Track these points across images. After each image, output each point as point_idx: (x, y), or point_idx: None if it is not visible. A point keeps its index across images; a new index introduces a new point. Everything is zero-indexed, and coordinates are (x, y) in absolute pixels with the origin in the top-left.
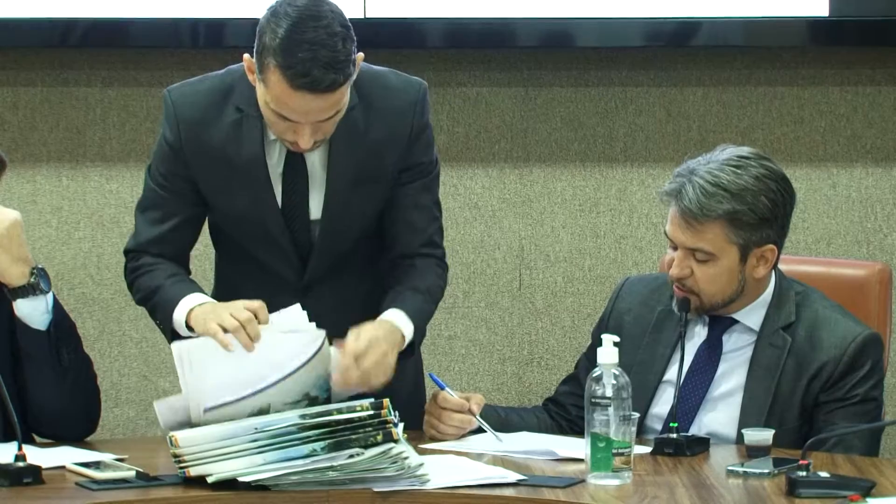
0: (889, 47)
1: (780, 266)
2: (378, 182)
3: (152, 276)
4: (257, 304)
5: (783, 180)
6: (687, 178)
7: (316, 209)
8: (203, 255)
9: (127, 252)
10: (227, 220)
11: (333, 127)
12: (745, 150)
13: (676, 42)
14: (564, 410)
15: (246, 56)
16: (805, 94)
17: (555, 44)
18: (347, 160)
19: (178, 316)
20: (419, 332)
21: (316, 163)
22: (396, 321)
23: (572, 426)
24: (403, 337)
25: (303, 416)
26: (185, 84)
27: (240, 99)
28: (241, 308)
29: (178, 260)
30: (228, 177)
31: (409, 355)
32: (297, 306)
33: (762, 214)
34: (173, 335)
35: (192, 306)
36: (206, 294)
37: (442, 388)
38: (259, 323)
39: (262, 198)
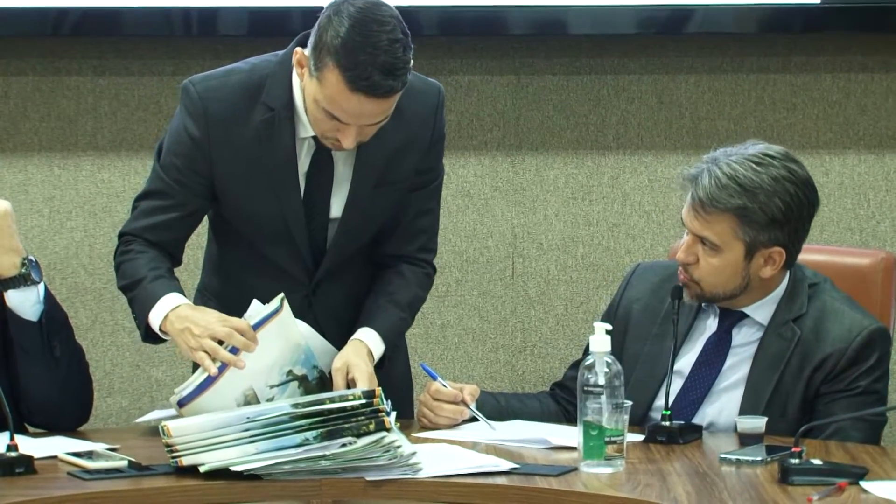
0: (881, 34)
1: None
2: (398, 185)
3: (136, 266)
4: (238, 323)
5: (805, 185)
6: (708, 166)
7: (336, 208)
8: (195, 244)
9: (121, 235)
10: (241, 217)
11: (375, 130)
12: (773, 150)
13: (669, 29)
14: (571, 395)
15: (299, 49)
16: (797, 81)
17: (547, 31)
18: (373, 162)
19: (154, 319)
20: (391, 347)
21: (340, 163)
22: (369, 342)
23: None
24: (372, 354)
25: (295, 406)
26: (210, 77)
27: (269, 97)
28: (218, 324)
29: (171, 249)
30: (254, 174)
31: (379, 369)
32: (255, 301)
33: (773, 216)
34: (147, 332)
35: (166, 311)
36: (182, 294)
37: (434, 379)
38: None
39: (287, 196)
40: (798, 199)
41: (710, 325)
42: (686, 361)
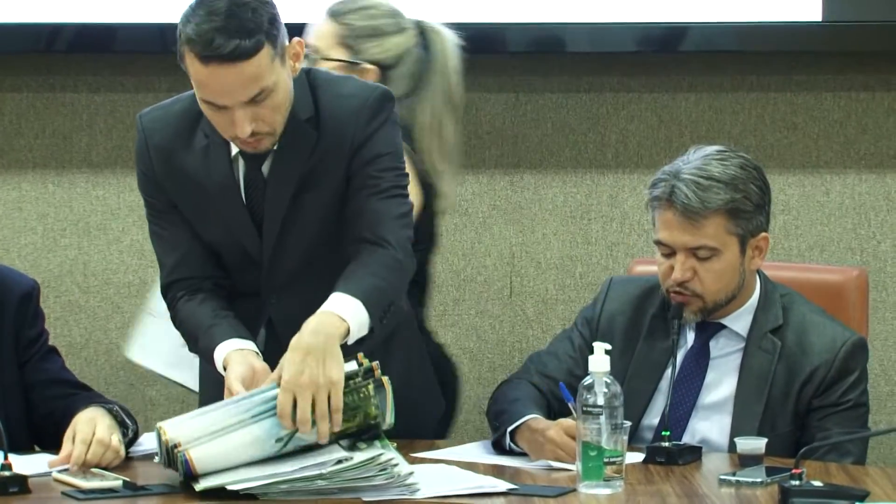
0: (882, 52)
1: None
2: (322, 189)
3: (184, 328)
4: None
5: (760, 170)
6: (674, 179)
7: None
8: None
9: (164, 292)
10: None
11: (277, 116)
12: (717, 147)
13: (668, 47)
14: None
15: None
16: (798, 100)
17: (546, 49)
18: (290, 166)
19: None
20: (375, 304)
21: (268, 173)
22: (328, 307)
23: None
24: (341, 319)
25: None
26: (157, 108)
27: (205, 124)
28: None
29: (207, 272)
30: (203, 203)
31: (372, 331)
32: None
33: (756, 201)
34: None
35: (224, 355)
36: (226, 334)
37: (568, 401)
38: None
39: (238, 221)
40: (764, 182)
41: (688, 338)
42: (668, 376)
